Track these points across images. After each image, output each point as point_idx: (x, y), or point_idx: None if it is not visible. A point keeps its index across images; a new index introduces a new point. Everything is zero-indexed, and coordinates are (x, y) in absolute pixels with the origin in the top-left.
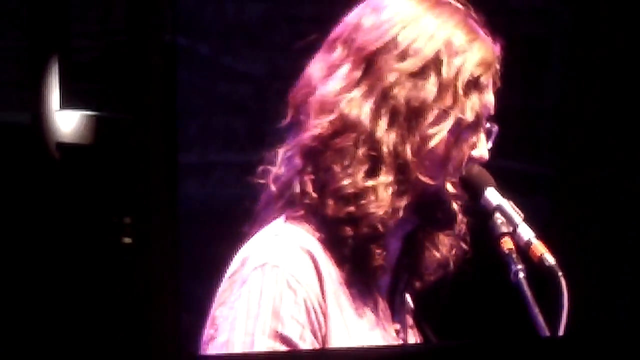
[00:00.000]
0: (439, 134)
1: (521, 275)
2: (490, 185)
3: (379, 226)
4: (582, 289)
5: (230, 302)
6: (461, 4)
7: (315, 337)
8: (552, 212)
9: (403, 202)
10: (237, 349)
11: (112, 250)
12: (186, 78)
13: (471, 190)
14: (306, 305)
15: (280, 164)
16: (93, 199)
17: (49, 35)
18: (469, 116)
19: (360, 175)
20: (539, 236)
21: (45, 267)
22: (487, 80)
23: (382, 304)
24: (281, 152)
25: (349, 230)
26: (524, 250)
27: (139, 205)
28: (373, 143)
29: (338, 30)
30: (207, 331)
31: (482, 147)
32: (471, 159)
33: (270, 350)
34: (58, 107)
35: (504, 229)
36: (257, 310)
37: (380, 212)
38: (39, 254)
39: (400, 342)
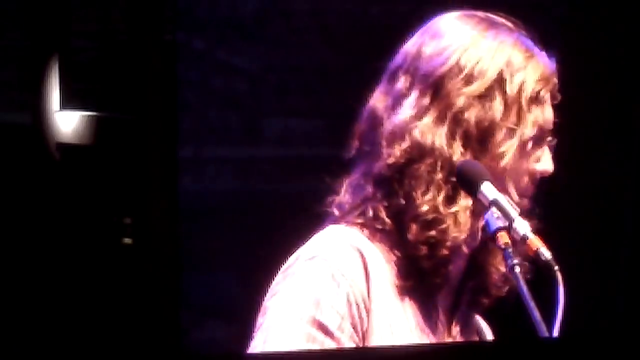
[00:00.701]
0: (509, 151)
1: (517, 269)
2: (486, 180)
3: (462, 248)
4: (578, 283)
5: (280, 293)
6: (512, 23)
7: (355, 330)
8: (548, 207)
9: (481, 224)
10: (275, 332)
11: (112, 250)
12: (181, 72)
13: (467, 184)
14: (348, 299)
15: (345, 192)
16: (93, 199)
17: (49, 35)
18: (533, 131)
19: (440, 200)
20: (535, 230)
21: (46, 267)
22: (546, 94)
23: (441, 319)
24: (347, 182)
25: (424, 249)
26: (520, 244)
27: (139, 205)
28: (451, 167)
29: (398, 61)
30: (258, 319)
31: (546, 160)
32: (536, 173)
33: (308, 336)
34: (58, 107)
35: (500, 224)
36: (299, 297)
37: (462, 236)
38: (39, 254)
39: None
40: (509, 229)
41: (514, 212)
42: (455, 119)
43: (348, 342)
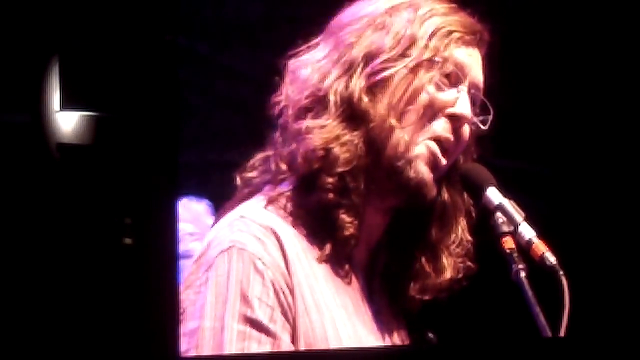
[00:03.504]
0: (390, 69)
1: (522, 274)
2: (491, 185)
3: (346, 180)
4: (583, 288)
5: (196, 286)
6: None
7: (286, 317)
8: (553, 212)
9: (364, 160)
10: (208, 335)
11: (112, 251)
12: (185, 77)
13: (472, 189)
14: (274, 287)
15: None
16: (93, 199)
17: (49, 36)
18: (428, 56)
19: (310, 121)
20: (540, 235)
21: (45, 267)
22: (463, 39)
23: (358, 284)
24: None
25: (315, 196)
26: (525, 249)
27: (139, 205)
28: (320, 91)
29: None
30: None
31: (463, 105)
32: (452, 116)
33: (242, 334)
34: (58, 108)
35: (505, 229)
36: (226, 295)
37: (343, 159)
38: (39, 254)
39: (376, 323)
40: (514, 233)
41: (519, 216)
42: (341, 53)
43: (281, 330)
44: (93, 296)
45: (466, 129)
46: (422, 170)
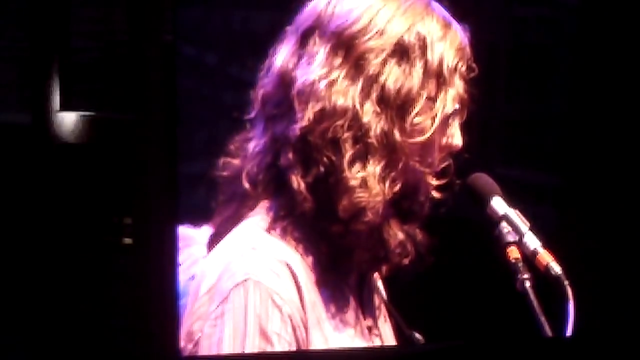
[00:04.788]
0: (430, 127)
1: (527, 284)
2: (496, 194)
3: (373, 218)
4: (588, 298)
5: (212, 319)
6: None
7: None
8: (558, 222)
9: (395, 190)
10: None
11: (112, 251)
12: (193, 87)
13: (477, 199)
14: (292, 323)
15: (250, 159)
16: (93, 200)
17: (49, 36)
18: (454, 106)
19: (345, 163)
20: (545, 245)
21: (45, 267)
22: (463, 67)
23: (353, 303)
24: (250, 147)
25: (339, 227)
26: (530, 259)
27: (139, 205)
28: (360, 128)
29: (309, 22)
30: (186, 345)
31: (458, 136)
32: (451, 147)
33: None
34: (58, 108)
35: (510, 238)
36: (244, 330)
37: (374, 204)
38: (39, 254)
39: (374, 338)
40: (519, 243)
41: (524, 226)
42: (370, 79)
43: None
44: (93, 296)
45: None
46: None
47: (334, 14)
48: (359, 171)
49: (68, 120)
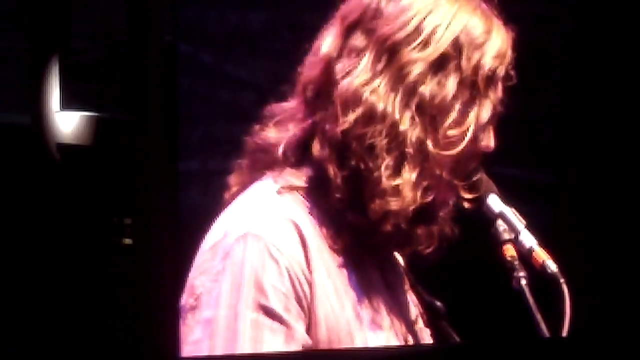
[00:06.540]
0: (464, 138)
1: (523, 282)
2: (492, 192)
3: (402, 222)
4: (584, 295)
5: (213, 275)
6: None
7: (301, 306)
8: (554, 220)
9: (427, 200)
10: (222, 324)
11: (112, 251)
12: (188, 85)
13: (473, 197)
14: (289, 274)
15: (289, 139)
16: (93, 200)
17: (49, 36)
18: (487, 115)
19: (383, 169)
20: (541, 243)
21: (45, 267)
22: (501, 72)
23: (376, 270)
24: (290, 126)
25: (366, 225)
26: (526, 257)
27: (139, 205)
28: (397, 136)
29: (355, 14)
30: (187, 299)
31: (491, 138)
32: (483, 150)
33: (255, 323)
34: (58, 108)
35: (506, 236)
36: (240, 283)
37: (406, 211)
38: (39, 255)
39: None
40: (515, 241)
41: (520, 224)
42: (409, 88)
43: (296, 319)
44: (93, 296)
45: None
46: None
47: (381, 12)
48: (394, 178)
49: (68, 120)
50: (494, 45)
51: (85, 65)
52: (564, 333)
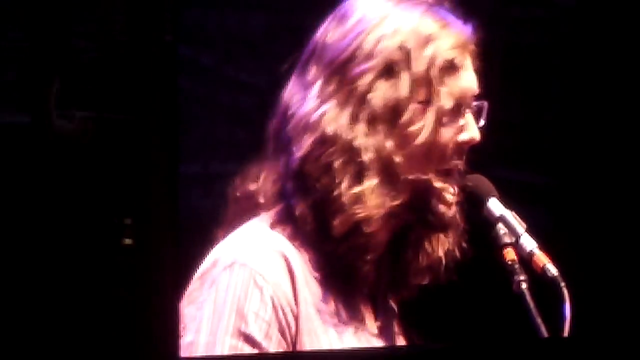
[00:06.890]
0: (422, 130)
1: (524, 285)
2: (492, 196)
3: (374, 230)
4: (584, 299)
5: (199, 303)
6: None
7: (283, 335)
8: (554, 223)
9: (396, 203)
10: (201, 350)
11: (112, 251)
12: (188, 88)
13: (474, 201)
14: (273, 303)
15: (264, 182)
16: (93, 200)
17: (49, 36)
18: (448, 103)
19: (344, 186)
20: (542, 247)
21: (45, 267)
22: (462, 61)
23: (364, 303)
24: (264, 174)
25: (343, 247)
26: (526, 261)
27: (139, 206)
28: (351, 151)
29: (308, 51)
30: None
31: (471, 129)
32: (460, 144)
33: (234, 349)
34: (58, 108)
35: (507, 240)
36: (222, 310)
37: (372, 215)
38: (39, 255)
39: (382, 341)
40: (515, 245)
41: (520, 228)
42: (359, 101)
43: (276, 348)
44: (93, 296)
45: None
46: (444, 210)
47: (327, 43)
48: (354, 187)
49: (68, 120)
50: (448, 39)
51: (85, 65)
52: (565, 336)
